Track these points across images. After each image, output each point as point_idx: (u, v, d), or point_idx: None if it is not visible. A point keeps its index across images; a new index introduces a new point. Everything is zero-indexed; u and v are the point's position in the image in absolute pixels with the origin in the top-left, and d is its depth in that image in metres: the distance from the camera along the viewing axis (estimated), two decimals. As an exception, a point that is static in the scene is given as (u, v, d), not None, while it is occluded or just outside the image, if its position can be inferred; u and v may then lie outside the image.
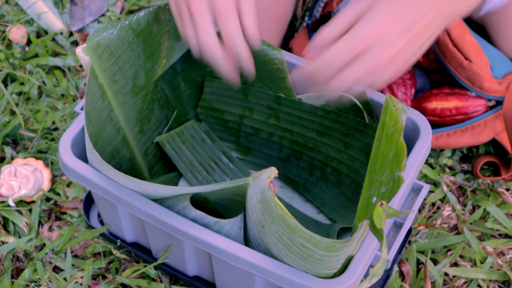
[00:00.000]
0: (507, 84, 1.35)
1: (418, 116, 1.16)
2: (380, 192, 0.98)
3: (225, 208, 1.14)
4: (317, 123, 1.24)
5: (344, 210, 1.26)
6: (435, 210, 1.38)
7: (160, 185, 1.03)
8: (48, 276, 1.26)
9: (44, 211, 1.36)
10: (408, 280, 1.29)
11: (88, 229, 1.32)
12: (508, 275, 1.29)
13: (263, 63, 1.22)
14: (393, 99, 1.00)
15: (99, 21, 1.61)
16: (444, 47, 1.37)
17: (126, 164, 1.22)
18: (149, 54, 1.17)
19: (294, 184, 1.32)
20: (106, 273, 1.29)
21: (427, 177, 1.40)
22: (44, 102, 1.48)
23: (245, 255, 1.03)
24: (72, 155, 1.12)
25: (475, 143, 1.38)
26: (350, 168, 1.24)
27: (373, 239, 1.04)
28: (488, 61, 1.35)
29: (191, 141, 1.31)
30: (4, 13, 1.60)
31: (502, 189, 1.38)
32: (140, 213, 1.08)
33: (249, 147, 1.33)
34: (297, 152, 1.29)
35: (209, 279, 1.22)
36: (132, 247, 1.26)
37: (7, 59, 1.53)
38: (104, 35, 1.11)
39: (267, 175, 0.96)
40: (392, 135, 0.98)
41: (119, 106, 1.17)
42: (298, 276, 1.01)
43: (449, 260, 1.31)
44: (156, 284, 1.27)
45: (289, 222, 0.95)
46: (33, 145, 1.42)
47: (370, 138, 1.19)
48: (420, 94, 1.45)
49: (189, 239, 1.06)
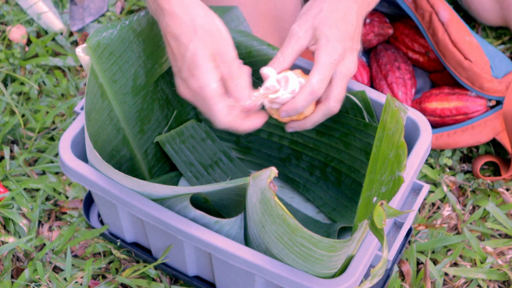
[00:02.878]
0: (507, 84, 1.35)
1: (418, 116, 1.16)
2: (380, 192, 0.98)
3: (225, 208, 1.14)
4: (317, 123, 1.24)
5: (344, 210, 1.26)
6: (435, 210, 1.38)
7: (160, 185, 1.03)
8: (48, 276, 1.26)
9: (44, 211, 1.36)
10: (408, 280, 1.29)
11: (88, 229, 1.32)
12: (508, 275, 1.29)
13: (263, 63, 1.22)
14: (393, 99, 1.00)
15: (99, 21, 1.61)
16: (444, 47, 1.37)
17: (126, 164, 1.22)
18: (149, 54, 1.17)
19: (294, 184, 1.32)
20: (106, 273, 1.29)
21: (427, 177, 1.40)
22: (44, 102, 1.48)
23: (245, 255, 1.03)
24: (72, 155, 1.12)
25: (475, 143, 1.38)
26: (350, 168, 1.24)
27: (373, 239, 1.04)
28: (488, 61, 1.35)
29: (191, 141, 1.31)
30: (4, 13, 1.60)
31: (502, 189, 1.38)
32: (140, 213, 1.08)
33: (249, 147, 1.33)
34: (297, 152, 1.29)
35: (209, 279, 1.22)
36: (132, 247, 1.26)
37: (7, 59, 1.53)
38: (104, 35, 1.11)
39: (267, 175, 0.96)
40: (393, 135, 0.98)
41: (119, 106, 1.17)
42: (298, 276, 1.01)
43: (449, 260, 1.31)
44: (156, 284, 1.26)
45: (289, 222, 0.95)
46: (32, 144, 1.42)
47: (370, 138, 1.19)
48: (420, 94, 1.45)
49: (189, 239, 1.06)
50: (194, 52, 1.04)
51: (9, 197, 1.34)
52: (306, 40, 1.10)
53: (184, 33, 1.05)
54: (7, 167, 1.39)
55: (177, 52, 1.06)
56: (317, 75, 1.07)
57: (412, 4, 1.40)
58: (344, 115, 1.21)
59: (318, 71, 1.08)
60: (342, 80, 1.10)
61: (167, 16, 1.05)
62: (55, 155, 1.41)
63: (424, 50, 1.46)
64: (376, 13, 1.47)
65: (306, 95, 1.08)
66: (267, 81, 1.09)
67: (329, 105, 1.10)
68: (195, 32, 1.05)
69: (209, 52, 1.05)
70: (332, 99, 1.10)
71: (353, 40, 1.11)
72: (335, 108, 1.11)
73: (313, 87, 1.07)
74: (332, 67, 1.09)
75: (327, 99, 1.10)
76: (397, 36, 1.48)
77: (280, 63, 1.10)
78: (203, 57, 1.04)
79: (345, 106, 1.21)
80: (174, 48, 1.06)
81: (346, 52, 1.09)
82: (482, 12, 1.50)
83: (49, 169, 1.39)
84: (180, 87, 1.09)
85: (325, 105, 1.11)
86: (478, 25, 1.57)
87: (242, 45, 1.22)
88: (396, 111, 0.98)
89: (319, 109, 1.11)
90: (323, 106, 1.11)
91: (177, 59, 1.07)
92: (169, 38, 1.06)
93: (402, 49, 1.48)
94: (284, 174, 1.32)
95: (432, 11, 1.38)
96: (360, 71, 1.44)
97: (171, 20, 1.05)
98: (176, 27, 1.05)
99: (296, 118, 1.12)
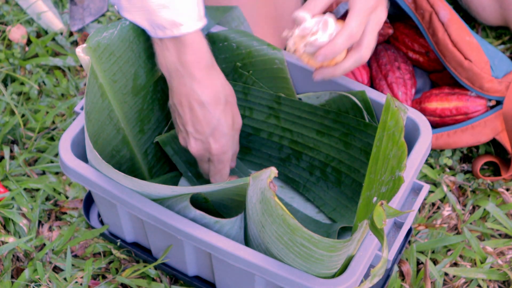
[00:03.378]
0: (507, 84, 1.35)
1: (418, 116, 1.16)
2: (380, 192, 0.98)
3: (225, 208, 1.14)
4: (317, 123, 1.24)
5: (344, 210, 1.26)
6: (435, 210, 1.38)
7: (160, 185, 1.03)
8: (48, 276, 1.26)
9: (44, 211, 1.36)
10: (408, 280, 1.29)
11: (88, 229, 1.32)
12: (508, 275, 1.29)
13: (263, 63, 1.22)
14: (393, 99, 1.00)
15: (99, 21, 1.61)
16: (444, 47, 1.37)
17: (126, 164, 1.22)
18: (150, 54, 1.17)
19: (294, 184, 1.32)
20: (106, 273, 1.29)
21: (427, 177, 1.40)
22: (44, 102, 1.48)
23: (245, 255, 1.03)
24: (72, 155, 1.12)
25: (475, 143, 1.38)
26: (350, 167, 1.24)
27: (373, 239, 1.04)
28: (488, 61, 1.35)
29: (191, 141, 1.31)
30: (4, 13, 1.60)
31: (502, 189, 1.38)
32: (140, 213, 1.08)
33: (249, 147, 1.33)
34: (297, 152, 1.29)
35: (209, 279, 1.22)
36: (132, 247, 1.26)
37: (7, 59, 1.53)
38: (104, 35, 1.11)
39: (267, 175, 0.96)
40: (393, 135, 0.98)
41: (119, 106, 1.17)
42: (298, 276, 1.01)
43: (449, 260, 1.31)
44: (156, 284, 1.26)
45: (289, 222, 0.95)
46: (32, 144, 1.42)
47: (370, 138, 1.19)
48: (420, 94, 1.45)
49: (189, 239, 1.06)
50: (220, 121, 1.13)
51: (9, 197, 1.34)
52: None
53: (212, 102, 1.12)
54: (7, 167, 1.39)
55: (202, 118, 1.13)
56: (355, 19, 1.09)
57: (412, 4, 1.40)
58: (344, 115, 1.21)
59: (356, 16, 1.09)
60: (374, 28, 1.11)
61: (195, 83, 1.11)
62: (55, 155, 1.41)
63: (424, 50, 1.46)
64: (376, 13, 1.47)
65: (345, 38, 1.08)
66: (305, 22, 1.09)
67: (361, 52, 1.11)
68: (220, 102, 1.12)
69: (231, 121, 1.15)
70: (365, 46, 1.11)
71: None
72: (366, 55, 1.12)
73: (352, 31, 1.08)
74: (368, 13, 1.10)
75: (359, 46, 1.11)
76: (397, 36, 1.48)
77: (312, 8, 1.11)
78: (228, 127, 1.14)
79: (345, 106, 1.21)
80: (199, 113, 1.12)
81: (378, 3, 1.11)
82: (482, 12, 1.51)
83: (49, 169, 1.39)
84: (192, 144, 1.16)
85: (358, 51, 1.11)
86: (478, 25, 1.57)
87: (242, 45, 1.22)
88: (396, 111, 0.98)
89: (351, 56, 1.12)
90: (355, 53, 1.12)
91: (200, 123, 1.13)
92: (194, 103, 1.12)
93: (402, 49, 1.48)
94: (284, 174, 1.32)
95: (432, 11, 1.38)
96: (360, 71, 1.44)
97: (200, 88, 1.11)
98: (204, 95, 1.11)
99: (327, 64, 1.12)
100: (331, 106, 1.22)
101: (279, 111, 1.26)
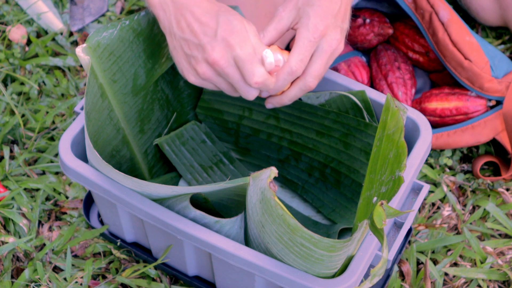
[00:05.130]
0: (507, 84, 1.35)
1: (418, 116, 1.16)
2: (380, 192, 0.98)
3: (225, 208, 1.14)
4: (317, 123, 1.24)
5: (344, 211, 1.26)
6: (435, 210, 1.38)
7: (160, 185, 1.03)
8: (48, 276, 1.26)
9: (44, 211, 1.36)
10: (408, 280, 1.29)
11: (88, 229, 1.32)
12: (508, 275, 1.29)
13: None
14: (393, 99, 1.00)
15: (99, 21, 1.61)
16: (444, 47, 1.37)
17: (126, 164, 1.22)
18: (149, 54, 1.17)
19: (292, 185, 1.31)
20: (106, 273, 1.29)
21: (427, 177, 1.40)
22: (44, 102, 1.48)
23: (245, 255, 1.03)
24: (72, 155, 1.12)
25: (475, 143, 1.38)
26: (350, 168, 1.24)
27: (373, 239, 1.04)
28: (488, 61, 1.35)
29: (191, 143, 1.31)
30: (4, 13, 1.60)
31: (502, 189, 1.38)
32: (140, 213, 1.08)
33: (248, 148, 1.32)
34: (296, 153, 1.29)
35: (209, 279, 1.22)
36: (132, 247, 1.26)
37: (7, 59, 1.53)
38: (104, 35, 1.11)
39: (267, 174, 0.96)
40: (393, 135, 0.98)
41: (119, 106, 1.17)
42: (298, 276, 1.01)
43: (449, 260, 1.31)
44: (156, 284, 1.26)
45: (289, 221, 0.95)
46: (32, 144, 1.42)
47: (370, 138, 1.19)
48: (420, 94, 1.45)
49: (189, 239, 1.06)
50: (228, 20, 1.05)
51: (9, 197, 1.34)
52: (289, 20, 1.11)
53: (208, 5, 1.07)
54: (7, 167, 1.39)
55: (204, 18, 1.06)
56: (296, 56, 1.08)
57: (412, 4, 1.40)
58: (344, 115, 1.21)
59: (297, 51, 1.08)
60: (322, 56, 1.10)
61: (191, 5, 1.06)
62: (55, 155, 1.41)
63: (424, 50, 1.46)
64: (376, 13, 1.47)
65: (285, 75, 1.08)
66: None
67: (305, 81, 1.10)
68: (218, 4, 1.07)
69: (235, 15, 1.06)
70: (309, 74, 1.10)
71: (337, 18, 1.10)
72: (311, 83, 1.10)
73: (292, 68, 1.08)
74: (312, 45, 1.09)
75: (303, 74, 1.10)
76: (397, 36, 1.48)
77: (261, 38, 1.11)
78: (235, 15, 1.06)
79: (345, 106, 1.21)
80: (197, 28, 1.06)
81: (328, 29, 1.09)
82: (482, 12, 1.51)
83: (49, 169, 1.39)
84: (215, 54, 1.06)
85: (302, 80, 1.11)
86: (478, 25, 1.57)
87: (242, 45, 1.22)
88: (396, 111, 0.98)
89: (296, 84, 1.11)
90: (299, 81, 1.11)
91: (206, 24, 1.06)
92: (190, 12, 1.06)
93: (402, 49, 1.48)
94: (282, 175, 1.32)
95: (432, 11, 1.38)
96: (360, 71, 1.44)
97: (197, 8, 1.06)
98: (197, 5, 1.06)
99: (274, 93, 1.13)
100: (331, 106, 1.22)
101: (278, 111, 1.26)
